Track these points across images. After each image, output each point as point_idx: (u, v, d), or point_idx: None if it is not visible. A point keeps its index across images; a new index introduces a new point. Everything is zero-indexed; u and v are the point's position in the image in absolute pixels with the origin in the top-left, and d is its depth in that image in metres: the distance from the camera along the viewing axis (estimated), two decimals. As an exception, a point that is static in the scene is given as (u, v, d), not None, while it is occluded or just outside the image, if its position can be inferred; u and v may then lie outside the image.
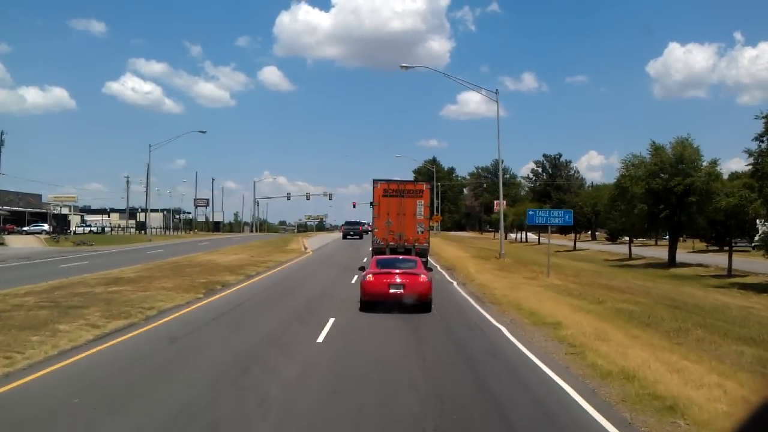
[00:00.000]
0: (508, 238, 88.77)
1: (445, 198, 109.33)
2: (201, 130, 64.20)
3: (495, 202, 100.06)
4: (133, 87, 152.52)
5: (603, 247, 62.97)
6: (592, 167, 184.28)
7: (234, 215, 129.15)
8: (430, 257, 32.54)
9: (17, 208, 73.32)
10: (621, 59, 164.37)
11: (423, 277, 13.76)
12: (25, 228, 65.82)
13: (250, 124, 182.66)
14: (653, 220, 39.78)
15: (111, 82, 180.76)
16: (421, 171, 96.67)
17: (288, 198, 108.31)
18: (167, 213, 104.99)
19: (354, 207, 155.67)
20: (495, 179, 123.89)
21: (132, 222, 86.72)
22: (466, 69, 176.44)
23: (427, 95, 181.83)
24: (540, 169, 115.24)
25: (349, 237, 57.45)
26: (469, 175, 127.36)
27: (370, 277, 13.68)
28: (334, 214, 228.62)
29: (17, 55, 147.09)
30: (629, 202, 39.92)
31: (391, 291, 13.30)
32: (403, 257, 17.08)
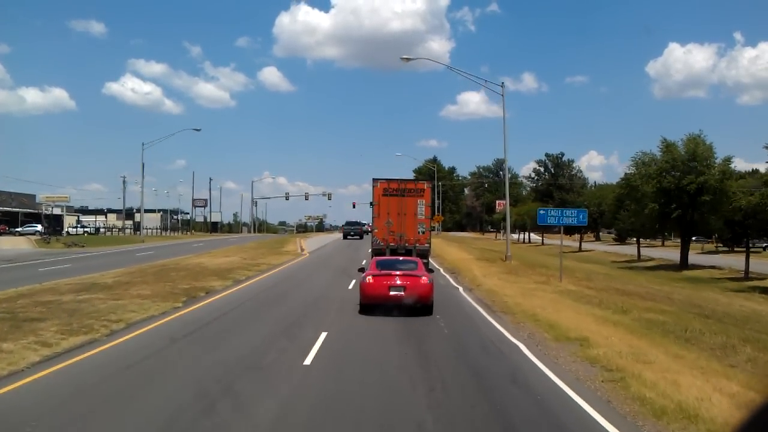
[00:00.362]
0: (511, 239, 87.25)
1: (445, 198, 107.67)
2: (195, 128, 62.26)
3: (497, 202, 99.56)
4: (132, 87, 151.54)
5: (608, 248, 61.35)
6: (592, 167, 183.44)
7: (233, 216, 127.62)
8: (432, 259, 31.21)
9: (10, 209, 71.74)
10: (621, 59, 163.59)
11: (424, 278, 13.22)
12: (18, 229, 64.45)
13: (249, 125, 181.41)
14: (664, 220, 38.20)
15: (111, 82, 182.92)
16: (421, 171, 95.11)
17: (287, 198, 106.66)
18: (165, 213, 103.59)
19: (354, 207, 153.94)
20: (497, 179, 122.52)
21: (129, 223, 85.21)
22: (466, 69, 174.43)
23: (426, 96, 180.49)
24: (542, 169, 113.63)
25: (349, 237, 58.53)
26: (470, 174, 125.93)
27: (369, 278, 13.20)
28: (334, 215, 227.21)
29: (17, 56, 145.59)
30: (639, 201, 38.34)
31: (392, 293, 12.84)
32: (403, 258, 16.44)
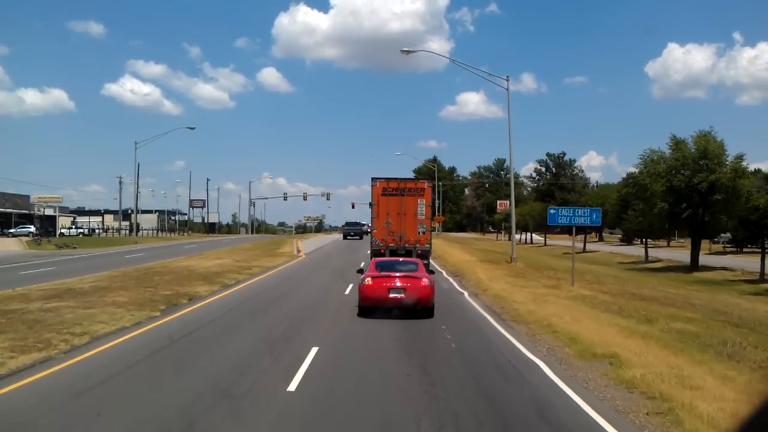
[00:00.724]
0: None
1: (446, 198, 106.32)
2: (189, 126, 60.82)
3: (498, 202, 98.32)
4: (132, 88, 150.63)
5: (613, 248, 59.96)
6: (592, 167, 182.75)
7: (232, 217, 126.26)
8: (433, 261, 29.97)
9: (4, 210, 70.29)
10: (620, 60, 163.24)
11: (425, 280, 12.87)
12: (12, 230, 63.11)
13: (249, 126, 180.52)
14: (674, 220, 36.86)
15: (110, 83, 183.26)
16: (421, 170, 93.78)
17: (285, 198, 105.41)
18: (162, 214, 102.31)
19: (353, 207, 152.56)
20: (497, 178, 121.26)
21: (126, 224, 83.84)
22: (465, 70, 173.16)
23: (426, 96, 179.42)
24: (543, 168, 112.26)
25: (349, 237, 59.92)
26: (471, 174, 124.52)
27: (368, 280, 12.86)
28: (333, 215, 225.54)
29: (16, 57, 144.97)
30: (647, 200, 36.98)
31: (391, 295, 12.51)
32: (403, 259, 16.06)
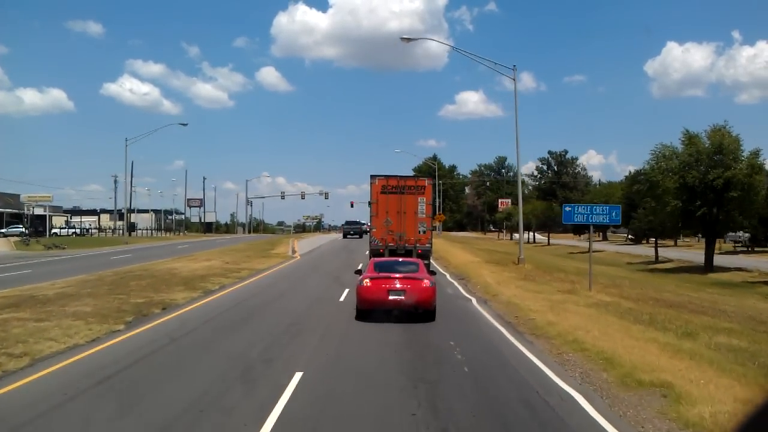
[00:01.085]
0: (514, 239, 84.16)
1: (446, 197, 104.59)
2: (182, 123, 59.16)
3: (500, 201, 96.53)
4: (130, 88, 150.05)
5: (619, 248, 58.22)
6: (591, 166, 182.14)
7: (230, 216, 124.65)
8: (435, 262, 28.45)
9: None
10: (619, 59, 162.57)
11: (426, 282, 12.41)
12: (3, 230, 61.47)
13: (248, 125, 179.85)
14: (687, 218, 35.19)
15: (109, 83, 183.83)
16: (421, 169, 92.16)
17: (282, 197, 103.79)
18: (158, 214, 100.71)
19: (352, 206, 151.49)
20: (498, 176, 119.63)
21: (121, 223, 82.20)
22: (465, 69, 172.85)
23: (425, 95, 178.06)
24: (545, 167, 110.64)
25: (349, 236, 61.50)
26: (471, 173, 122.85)
27: (367, 282, 12.41)
28: (333, 215, 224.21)
29: (15, 57, 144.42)
30: (659, 198, 35.30)
31: (391, 298, 12.11)
32: (403, 260, 15.52)
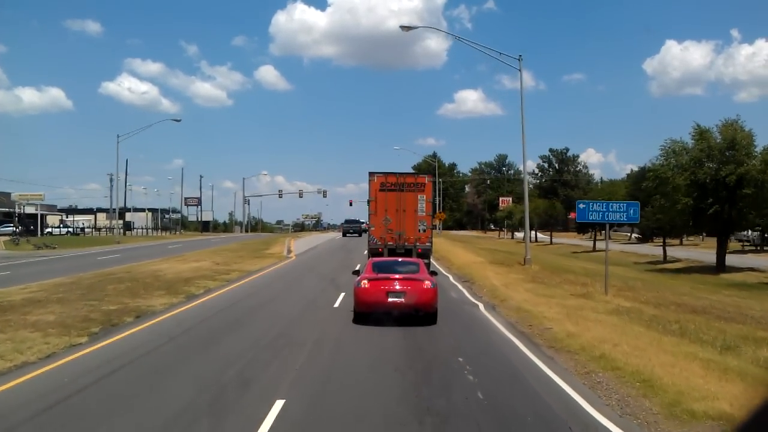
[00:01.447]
0: (516, 238, 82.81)
1: (446, 195, 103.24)
2: (175, 119, 57.84)
3: (501, 199, 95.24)
4: (129, 87, 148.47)
5: (623, 247, 56.87)
6: (591, 165, 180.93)
7: (229, 215, 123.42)
8: (437, 262, 27.29)
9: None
10: (618, 57, 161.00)
11: (427, 283, 11.94)
12: None
13: (247, 124, 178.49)
14: (698, 216, 33.81)
15: (107, 82, 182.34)
16: (421, 167, 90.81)
17: (280, 196, 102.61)
18: (156, 212, 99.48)
19: (350, 205, 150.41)
20: (499, 174, 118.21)
21: (119, 222, 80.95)
22: (464, 67, 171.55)
23: (424, 94, 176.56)
24: (546, 164, 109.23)
25: (348, 234, 61.77)
26: (471, 171, 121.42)
27: (365, 283, 11.95)
28: (332, 213, 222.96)
29: (13, 56, 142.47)
30: (668, 195, 33.91)
31: (390, 300, 11.69)
32: (403, 260, 14.98)
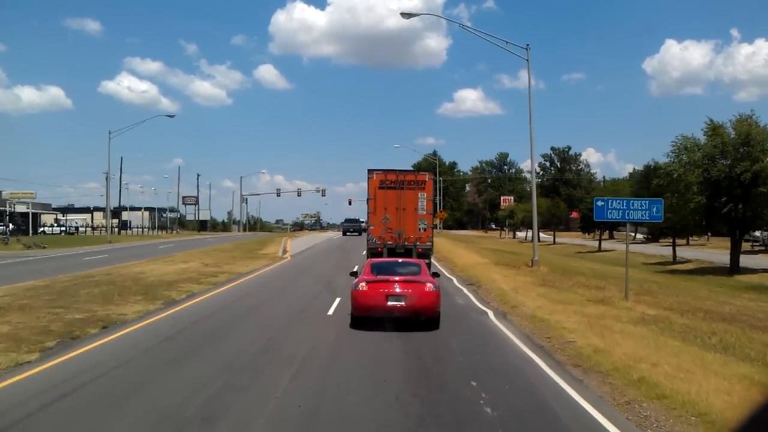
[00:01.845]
0: (517, 237, 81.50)
1: (446, 194, 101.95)
2: (168, 115, 56.64)
3: (502, 198, 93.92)
4: (128, 86, 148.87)
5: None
6: (591, 164, 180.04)
7: (228, 214, 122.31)
8: (439, 263, 26.11)
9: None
10: (617, 57, 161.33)
11: (429, 285, 11.42)
12: None
13: (246, 123, 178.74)
14: (711, 215, 32.48)
15: (107, 81, 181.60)
16: (421, 166, 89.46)
17: (278, 195, 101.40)
18: (153, 211, 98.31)
19: (350, 204, 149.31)
20: (500, 173, 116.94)
21: (116, 221, 79.81)
22: (463, 67, 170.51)
23: (424, 93, 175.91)
24: (548, 163, 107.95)
25: (348, 233, 61.96)
26: (472, 170, 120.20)
27: (363, 285, 11.42)
28: (331, 212, 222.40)
29: (13, 55, 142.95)
30: (680, 194, 32.55)
31: (390, 304, 11.17)
32: (403, 260, 14.43)
